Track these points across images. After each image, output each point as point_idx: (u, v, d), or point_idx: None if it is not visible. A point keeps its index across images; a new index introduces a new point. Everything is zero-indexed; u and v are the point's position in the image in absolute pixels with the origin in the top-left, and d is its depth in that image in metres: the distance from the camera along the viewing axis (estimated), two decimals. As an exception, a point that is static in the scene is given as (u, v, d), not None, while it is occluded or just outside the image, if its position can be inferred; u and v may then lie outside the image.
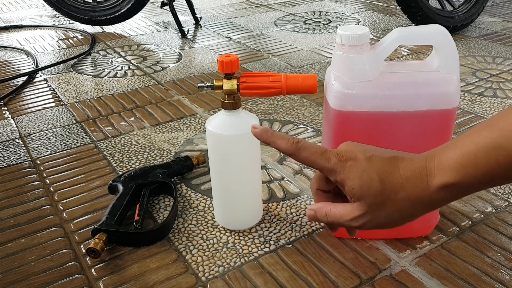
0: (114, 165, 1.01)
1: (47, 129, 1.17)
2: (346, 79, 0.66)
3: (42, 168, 1.00)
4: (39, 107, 1.29)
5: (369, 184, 0.46)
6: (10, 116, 1.25)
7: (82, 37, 1.89)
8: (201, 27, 1.98)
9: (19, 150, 1.08)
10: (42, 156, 1.05)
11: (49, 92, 1.38)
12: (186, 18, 2.08)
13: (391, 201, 0.46)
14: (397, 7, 2.16)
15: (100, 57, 1.66)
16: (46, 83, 1.45)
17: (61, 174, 0.98)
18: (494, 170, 0.41)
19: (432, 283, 0.69)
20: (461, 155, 0.42)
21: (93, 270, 0.73)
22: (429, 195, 0.45)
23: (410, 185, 0.45)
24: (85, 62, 1.62)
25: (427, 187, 0.45)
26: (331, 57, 1.30)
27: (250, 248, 0.76)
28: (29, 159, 1.04)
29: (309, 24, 1.97)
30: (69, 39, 1.87)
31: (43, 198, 0.91)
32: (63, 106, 1.29)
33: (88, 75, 1.50)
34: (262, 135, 0.53)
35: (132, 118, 1.21)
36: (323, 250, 0.75)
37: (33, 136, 1.14)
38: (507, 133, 0.40)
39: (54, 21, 2.13)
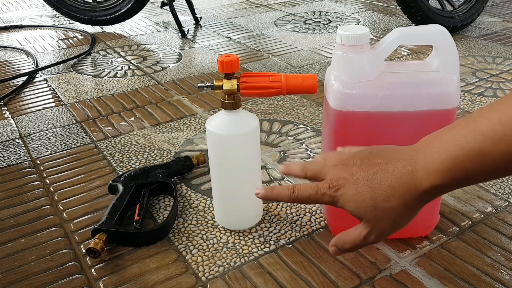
0: (114, 165, 1.01)
1: (47, 129, 1.17)
2: (346, 79, 0.66)
3: (42, 168, 1.00)
4: (39, 107, 1.29)
5: (363, 204, 0.50)
6: (10, 116, 1.25)
7: (82, 37, 1.89)
8: (201, 27, 1.98)
9: (19, 150, 1.08)
10: (42, 156, 1.05)
11: (49, 92, 1.38)
12: (186, 18, 2.08)
13: (387, 211, 0.50)
14: (397, 7, 2.16)
15: (100, 57, 1.66)
16: (46, 83, 1.45)
17: (61, 174, 0.98)
18: (479, 172, 0.44)
19: (432, 283, 0.69)
20: (448, 160, 0.45)
21: (93, 270, 0.73)
22: (419, 196, 0.48)
23: (400, 192, 0.48)
24: (85, 62, 1.62)
25: (416, 190, 0.48)
26: (331, 57, 1.30)
27: (250, 248, 0.76)
28: (29, 159, 1.04)
29: (309, 24, 1.97)
30: (69, 39, 1.87)
31: (43, 198, 0.91)
32: (63, 106, 1.29)
33: (88, 75, 1.50)
34: (267, 196, 0.59)
35: (132, 118, 1.21)
36: (323, 250, 0.75)
37: (33, 136, 1.14)
38: (490, 139, 0.42)
39: (54, 21, 2.13)
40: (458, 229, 0.79)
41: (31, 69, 1.55)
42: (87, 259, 0.75)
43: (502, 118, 0.41)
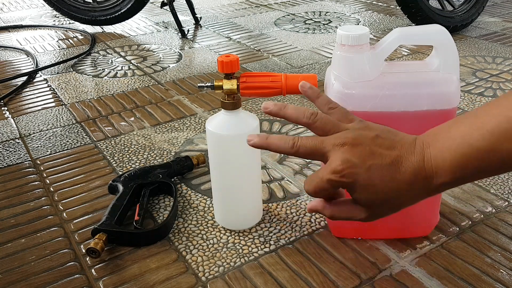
0: (114, 165, 1.01)
1: (47, 129, 1.17)
2: (346, 79, 0.66)
3: (42, 168, 1.00)
4: (39, 107, 1.29)
5: (375, 196, 0.49)
6: (10, 116, 1.25)
7: (82, 37, 1.89)
8: (201, 27, 1.98)
9: (19, 150, 1.08)
10: (42, 156, 1.05)
11: (49, 92, 1.38)
12: (186, 18, 2.08)
13: (395, 201, 0.50)
14: (397, 7, 2.16)
15: (100, 57, 1.66)
16: (46, 83, 1.45)
17: (61, 174, 0.98)
18: (487, 168, 0.45)
19: (432, 283, 0.69)
20: (458, 158, 0.45)
21: (93, 270, 0.73)
22: (428, 191, 0.49)
23: (412, 189, 0.48)
24: (85, 62, 1.62)
25: (427, 187, 0.48)
26: (331, 57, 1.30)
27: (250, 248, 0.76)
28: (29, 159, 1.04)
29: (309, 24, 1.97)
30: (69, 39, 1.87)
31: (43, 198, 0.91)
32: (63, 106, 1.29)
33: (88, 75, 1.50)
34: (261, 145, 0.54)
35: (132, 118, 1.21)
36: (323, 250, 0.75)
37: (33, 136, 1.14)
38: (498, 137, 0.42)
39: (54, 21, 2.13)
40: (458, 229, 0.79)
41: (31, 69, 1.55)
42: (87, 259, 0.75)
43: (509, 115, 0.42)
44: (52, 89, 1.41)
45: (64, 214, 0.86)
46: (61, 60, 1.62)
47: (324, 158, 0.51)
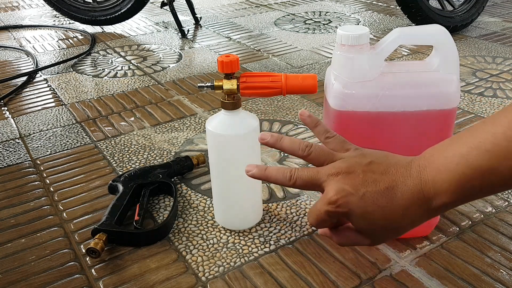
0: (114, 165, 1.01)
1: (47, 129, 1.17)
2: (346, 79, 0.66)
3: (42, 168, 1.00)
4: (39, 107, 1.29)
5: (373, 224, 0.49)
6: (10, 116, 1.25)
7: (82, 37, 1.89)
8: (201, 27, 1.98)
9: (19, 150, 1.08)
10: (42, 156, 1.05)
11: (49, 92, 1.38)
12: (186, 18, 2.08)
13: (394, 226, 0.50)
14: (397, 7, 2.16)
15: (100, 57, 1.66)
16: (46, 83, 1.45)
17: (61, 174, 0.98)
18: (487, 188, 0.44)
19: (432, 283, 0.69)
20: (457, 178, 0.44)
21: (93, 270, 0.73)
22: (428, 214, 0.48)
23: (410, 213, 0.48)
24: (85, 62, 1.62)
25: (426, 210, 0.47)
26: (331, 57, 1.30)
27: (250, 248, 0.76)
28: (29, 159, 1.04)
29: (309, 24, 1.97)
30: (69, 39, 1.87)
31: (43, 198, 0.91)
32: (63, 106, 1.29)
33: (88, 75, 1.50)
34: (259, 176, 0.56)
35: (132, 118, 1.21)
36: (323, 250, 0.75)
37: (33, 136, 1.14)
38: (496, 156, 0.42)
39: (54, 21, 2.13)
40: (458, 229, 0.79)
41: (31, 69, 1.55)
42: (87, 259, 0.75)
43: (507, 133, 0.41)
44: (52, 89, 1.41)
45: (64, 214, 0.86)
46: (61, 60, 1.62)
47: (320, 188, 0.51)
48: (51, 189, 0.93)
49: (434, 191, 0.46)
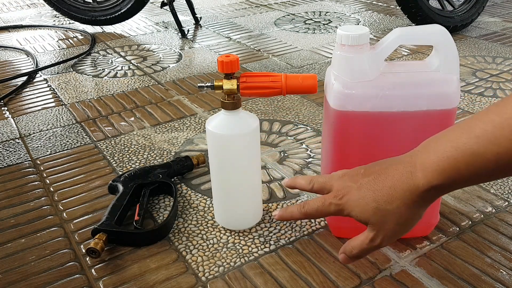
0: (114, 165, 1.01)
1: (47, 129, 1.17)
2: (346, 79, 0.66)
3: (42, 168, 1.00)
4: (39, 107, 1.29)
5: (366, 207, 0.52)
6: (10, 116, 1.25)
7: (82, 37, 1.89)
8: (201, 27, 1.98)
9: (19, 150, 1.08)
10: (42, 156, 1.05)
11: (49, 92, 1.38)
12: (186, 18, 2.08)
13: (390, 212, 0.51)
14: (397, 7, 2.16)
15: (100, 57, 1.66)
16: (46, 83, 1.45)
17: (61, 174, 0.98)
18: (473, 173, 0.45)
19: (432, 283, 0.69)
20: (443, 161, 0.46)
21: (93, 270, 0.73)
22: (419, 196, 0.49)
23: (400, 193, 0.50)
24: (85, 62, 1.62)
25: (415, 190, 0.49)
26: (331, 57, 1.30)
27: (250, 248, 0.76)
28: (29, 159, 1.04)
29: (309, 24, 1.97)
30: (69, 39, 1.87)
31: (43, 198, 0.91)
32: (63, 106, 1.29)
33: (88, 75, 1.50)
34: (282, 217, 0.64)
35: (132, 118, 1.21)
36: (323, 250, 0.75)
37: (33, 136, 1.14)
38: (483, 141, 0.43)
39: (54, 21, 2.13)
40: (458, 229, 0.79)
41: (31, 69, 1.55)
42: (87, 259, 0.75)
43: (496, 119, 0.42)
44: (52, 89, 1.41)
45: (64, 214, 0.86)
46: (61, 60, 1.62)
47: (331, 189, 0.58)
48: (51, 189, 0.93)
49: (422, 172, 0.48)
